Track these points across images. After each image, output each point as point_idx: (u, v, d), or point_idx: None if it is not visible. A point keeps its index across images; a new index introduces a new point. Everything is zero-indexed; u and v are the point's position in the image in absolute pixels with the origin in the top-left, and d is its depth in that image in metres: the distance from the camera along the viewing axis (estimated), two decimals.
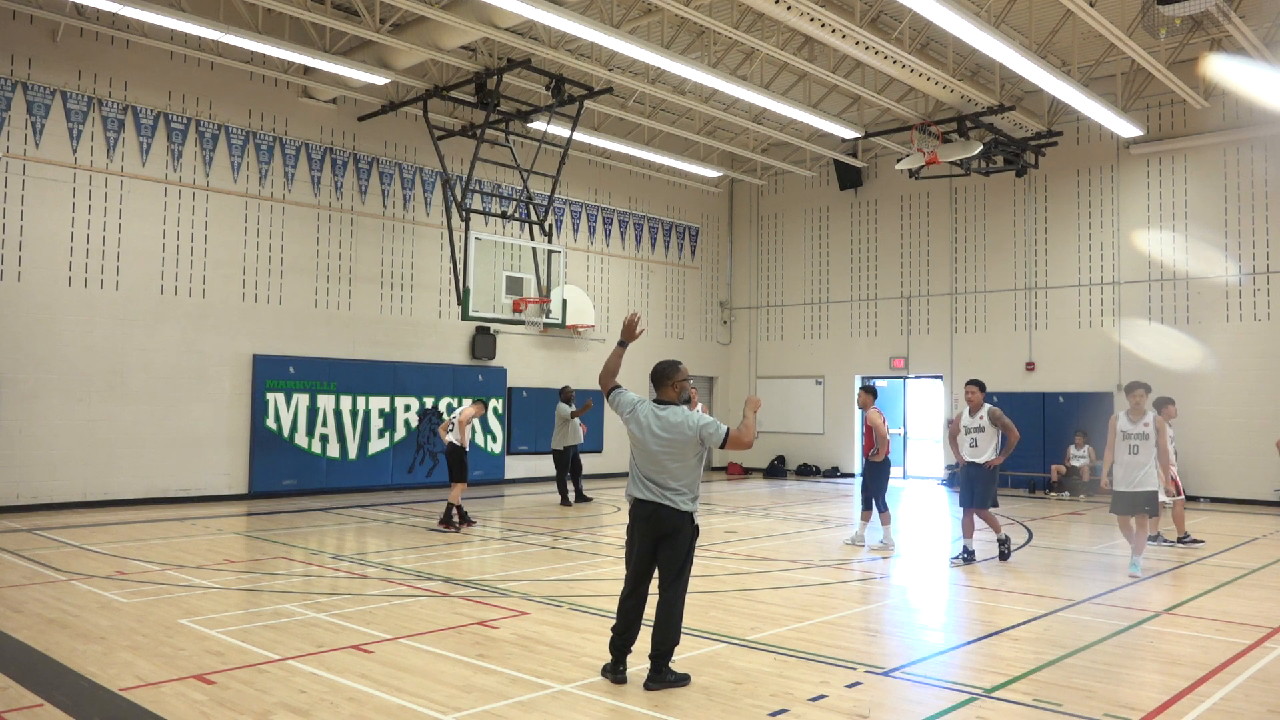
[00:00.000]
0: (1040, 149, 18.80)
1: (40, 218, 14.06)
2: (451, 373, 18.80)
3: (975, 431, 10.49)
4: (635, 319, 6.05)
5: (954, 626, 7.82)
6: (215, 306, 15.78)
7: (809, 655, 6.45)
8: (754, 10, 13.98)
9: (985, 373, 20.60)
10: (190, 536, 11.68)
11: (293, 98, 16.85)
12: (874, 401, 11.62)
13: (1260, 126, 17.27)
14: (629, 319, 6.05)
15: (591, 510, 15.34)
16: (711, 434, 5.80)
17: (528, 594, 8.41)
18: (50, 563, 9.64)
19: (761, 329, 24.53)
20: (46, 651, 6.32)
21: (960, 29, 12.84)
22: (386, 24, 14.22)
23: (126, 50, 14.89)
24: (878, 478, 11.42)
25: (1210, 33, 15.33)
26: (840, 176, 22.49)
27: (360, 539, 12.04)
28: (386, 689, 5.58)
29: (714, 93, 18.27)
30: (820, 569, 9.99)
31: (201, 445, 15.49)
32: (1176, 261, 18.33)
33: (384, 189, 18.09)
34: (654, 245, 23.19)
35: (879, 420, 11.42)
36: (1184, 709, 5.41)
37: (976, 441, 10.46)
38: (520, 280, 18.92)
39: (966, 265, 21.14)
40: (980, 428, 10.45)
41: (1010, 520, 14.48)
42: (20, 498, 13.70)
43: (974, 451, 10.46)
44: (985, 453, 10.38)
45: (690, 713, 5.26)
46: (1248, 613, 8.02)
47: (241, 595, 8.35)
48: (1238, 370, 17.47)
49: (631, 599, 5.86)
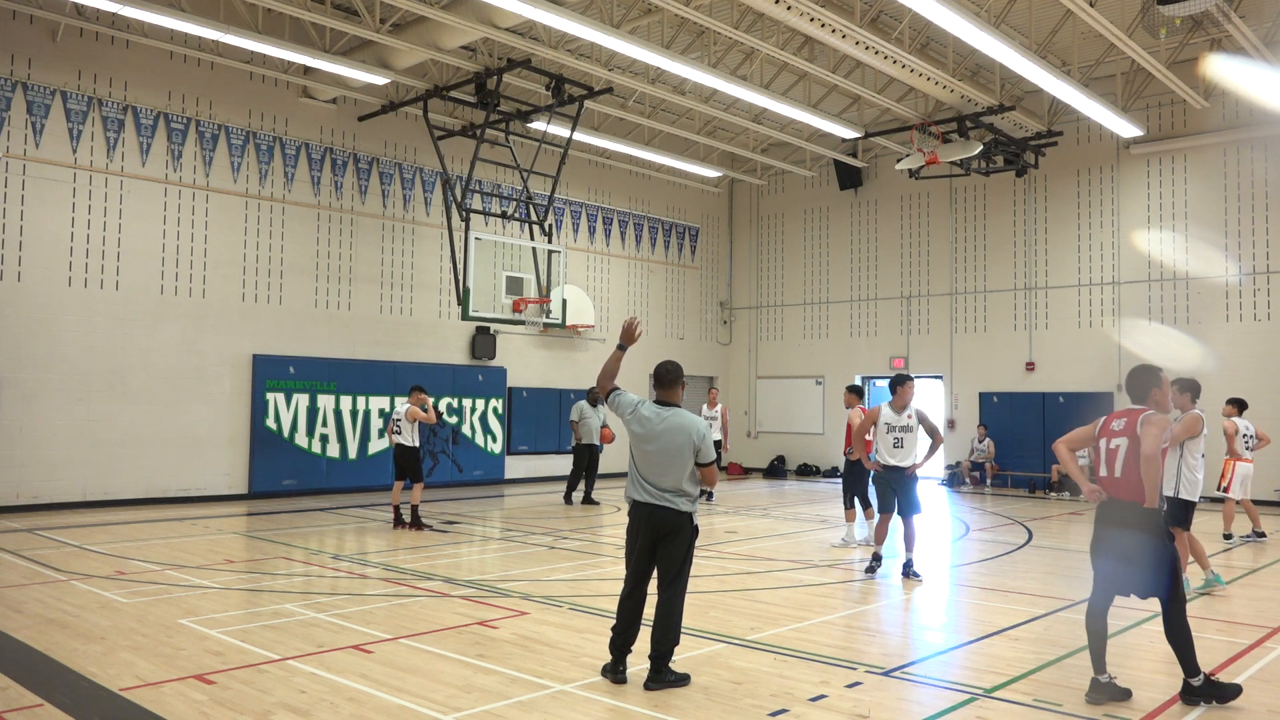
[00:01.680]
0: (1040, 149, 18.80)
1: (40, 218, 14.06)
2: (451, 373, 18.80)
3: (901, 431, 9.52)
4: (634, 323, 6.06)
5: (954, 626, 7.82)
6: (215, 306, 15.78)
7: (809, 655, 6.45)
8: (754, 10, 13.98)
9: (985, 373, 20.64)
10: (190, 536, 11.68)
11: (293, 98, 16.85)
12: (859, 401, 11.64)
13: (1260, 126, 17.27)
14: (628, 322, 6.05)
15: (591, 510, 15.34)
16: (706, 451, 5.85)
17: (528, 594, 8.41)
18: (50, 563, 9.64)
19: (761, 329, 24.53)
20: (46, 651, 6.32)
21: (960, 29, 12.84)
22: (386, 24, 14.22)
23: (126, 50, 14.89)
24: (859, 476, 11.29)
25: (1210, 33, 15.33)
26: (840, 176, 22.49)
27: (360, 539, 12.04)
28: (386, 689, 5.58)
29: (714, 93, 18.27)
30: (820, 569, 9.99)
31: (201, 445, 15.49)
32: (1176, 261, 18.33)
33: (384, 189, 18.09)
34: (654, 245, 23.19)
35: (856, 420, 11.23)
36: (1184, 709, 5.41)
37: (901, 442, 9.50)
38: (520, 280, 18.92)
39: (966, 265, 21.14)
40: (908, 427, 9.51)
41: (1011, 520, 14.49)
42: (20, 498, 13.69)
43: (898, 454, 9.49)
44: (909, 456, 9.50)
45: (690, 713, 5.26)
46: (1248, 613, 8.02)
47: (241, 595, 8.35)
48: (1238, 370, 17.46)
49: (631, 599, 5.86)
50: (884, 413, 9.59)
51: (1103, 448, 5.78)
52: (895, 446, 9.50)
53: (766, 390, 24.06)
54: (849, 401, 11.70)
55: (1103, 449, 5.78)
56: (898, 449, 9.49)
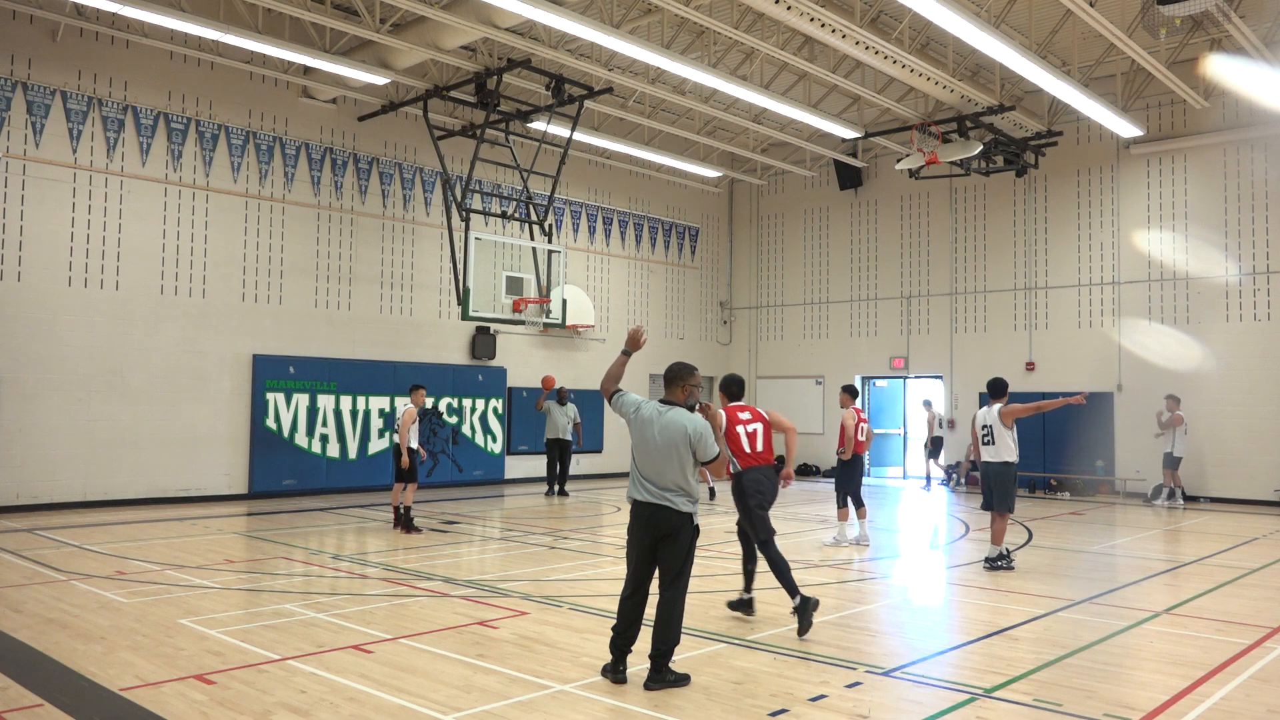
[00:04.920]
0: (1040, 149, 18.80)
1: (40, 218, 14.06)
2: (451, 373, 18.80)
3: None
4: (640, 331, 6.15)
5: (954, 626, 7.81)
6: (215, 306, 15.78)
7: (809, 655, 6.45)
8: (754, 10, 13.98)
9: (985, 373, 20.57)
10: (190, 536, 11.68)
11: (293, 98, 16.85)
12: (853, 402, 11.87)
13: (1260, 126, 17.27)
14: (634, 330, 6.14)
15: (591, 510, 15.35)
16: (704, 449, 5.84)
17: (528, 594, 8.41)
18: (50, 563, 9.64)
19: (761, 329, 24.53)
20: (46, 651, 6.32)
21: (960, 29, 12.84)
22: (386, 24, 14.22)
23: (126, 50, 14.89)
24: (851, 476, 11.63)
25: (1210, 33, 15.33)
26: (840, 176, 22.49)
27: (360, 539, 12.04)
28: (386, 689, 5.58)
29: (714, 93, 18.27)
30: (820, 569, 9.98)
31: (201, 445, 15.49)
32: (1176, 261, 18.33)
33: (384, 189, 18.09)
34: (654, 245, 23.18)
35: (849, 421, 11.61)
36: (1184, 709, 5.41)
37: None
38: (520, 280, 18.94)
39: (966, 265, 21.14)
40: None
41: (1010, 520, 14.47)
42: (20, 498, 13.69)
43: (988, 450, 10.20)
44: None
45: (690, 713, 5.26)
46: (1248, 613, 8.02)
47: (241, 595, 8.35)
48: (1237, 370, 17.47)
49: (632, 599, 5.86)
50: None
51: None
52: (984, 443, 10.11)
53: (766, 390, 24.06)
54: (843, 402, 11.96)
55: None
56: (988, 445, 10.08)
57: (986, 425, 10.01)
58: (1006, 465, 9.91)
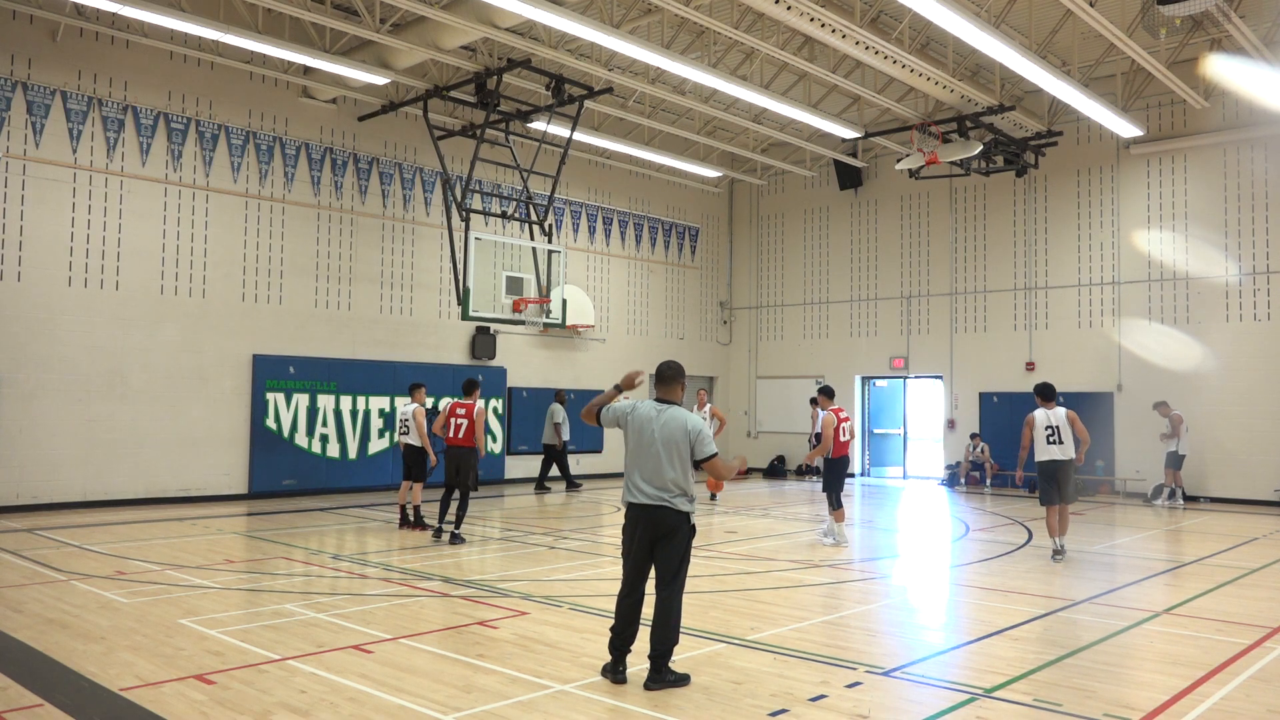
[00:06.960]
0: (1040, 149, 18.80)
1: (40, 218, 14.06)
2: (451, 373, 18.79)
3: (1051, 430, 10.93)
4: (638, 374, 6.25)
5: (954, 626, 7.81)
6: (215, 306, 15.78)
7: (809, 655, 6.45)
8: (754, 10, 13.98)
9: (986, 373, 20.64)
10: (190, 536, 11.68)
11: (293, 98, 16.85)
12: (831, 402, 12.11)
13: (1260, 126, 17.27)
14: (631, 373, 6.25)
15: (591, 510, 15.35)
16: (701, 445, 5.84)
17: (528, 594, 8.41)
18: (50, 563, 9.64)
19: (761, 329, 24.53)
20: (46, 651, 6.32)
21: (960, 29, 12.84)
22: (386, 24, 14.22)
23: (126, 50, 14.89)
24: (835, 476, 11.90)
25: (1210, 33, 15.32)
26: (840, 176, 22.49)
27: (360, 539, 12.04)
28: (386, 689, 5.58)
29: (714, 93, 18.27)
30: (820, 569, 9.98)
31: (201, 445, 15.49)
32: (1176, 261, 18.33)
33: (384, 189, 18.09)
34: (654, 245, 23.18)
35: (830, 421, 11.79)
36: (1184, 709, 5.41)
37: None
38: (520, 280, 18.94)
39: (966, 265, 21.14)
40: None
41: (1010, 520, 14.48)
42: (20, 498, 13.69)
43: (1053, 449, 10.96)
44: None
45: (690, 713, 5.26)
46: (1248, 613, 8.02)
47: (241, 595, 8.35)
48: (1237, 370, 17.47)
49: (629, 599, 5.86)
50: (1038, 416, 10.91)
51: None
52: (1049, 442, 10.73)
53: (766, 390, 24.06)
54: (823, 404, 12.23)
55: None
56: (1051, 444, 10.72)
57: (1052, 425, 10.77)
58: (1072, 462, 10.90)
